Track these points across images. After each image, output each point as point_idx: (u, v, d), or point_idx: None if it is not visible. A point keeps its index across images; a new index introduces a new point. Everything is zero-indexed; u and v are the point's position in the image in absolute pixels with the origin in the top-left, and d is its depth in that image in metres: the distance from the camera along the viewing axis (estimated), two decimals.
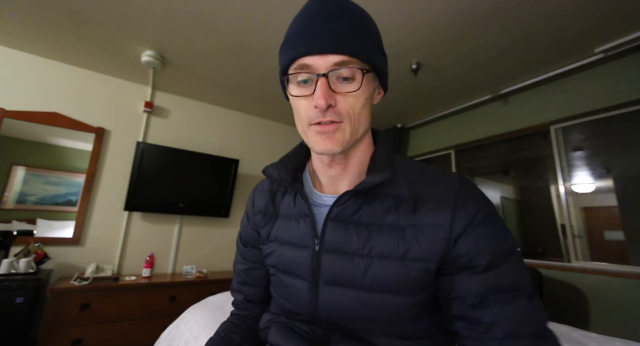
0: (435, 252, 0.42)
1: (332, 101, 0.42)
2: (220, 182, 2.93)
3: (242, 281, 0.64)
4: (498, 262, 0.41)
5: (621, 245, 1.99)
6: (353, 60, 0.42)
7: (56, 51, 2.29)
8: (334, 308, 0.46)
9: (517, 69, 2.24)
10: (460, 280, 0.42)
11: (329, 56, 0.42)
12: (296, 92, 0.46)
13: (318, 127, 0.44)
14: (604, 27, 1.75)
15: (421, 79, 2.41)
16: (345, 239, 0.46)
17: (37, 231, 2.21)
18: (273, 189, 0.61)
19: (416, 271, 0.43)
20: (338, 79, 0.43)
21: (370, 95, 0.47)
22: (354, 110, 0.44)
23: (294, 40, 0.44)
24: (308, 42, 0.42)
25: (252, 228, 0.62)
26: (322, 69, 0.42)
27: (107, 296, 2.08)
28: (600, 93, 2.06)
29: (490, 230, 0.42)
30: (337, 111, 0.43)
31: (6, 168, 2.20)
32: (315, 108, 0.43)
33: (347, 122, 0.44)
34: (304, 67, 0.43)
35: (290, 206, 0.55)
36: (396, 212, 0.46)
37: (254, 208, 0.63)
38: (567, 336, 1.34)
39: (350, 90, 0.43)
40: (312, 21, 0.44)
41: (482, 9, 1.65)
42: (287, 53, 0.45)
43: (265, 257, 0.57)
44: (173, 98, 2.94)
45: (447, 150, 3.14)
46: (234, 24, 1.86)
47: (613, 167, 2.11)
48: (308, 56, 0.42)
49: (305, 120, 0.45)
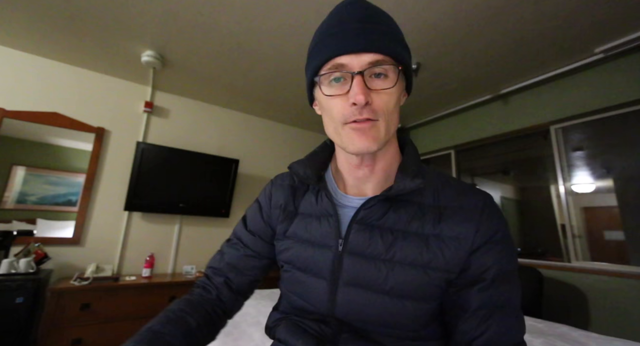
0: (456, 263, 0.44)
1: (369, 98, 0.43)
2: (220, 182, 2.93)
3: (233, 265, 0.61)
4: (501, 280, 0.44)
5: (621, 245, 1.99)
6: (387, 59, 0.43)
7: (56, 51, 2.29)
8: (351, 309, 0.47)
9: (517, 69, 2.24)
10: (464, 293, 0.44)
11: (363, 55, 0.43)
12: (329, 92, 0.46)
13: (354, 125, 0.44)
14: (604, 27, 1.75)
15: (421, 79, 2.41)
16: (370, 242, 0.47)
17: (37, 231, 2.21)
18: (294, 186, 0.60)
19: (438, 279, 0.44)
20: (372, 77, 0.44)
21: (400, 94, 0.48)
22: (388, 108, 0.45)
23: (327, 41, 0.45)
24: (343, 42, 0.43)
25: (265, 220, 0.61)
26: (357, 67, 0.43)
27: (107, 296, 2.08)
28: (600, 93, 2.06)
29: (504, 250, 0.45)
30: (373, 109, 0.43)
31: (6, 168, 2.20)
32: (352, 106, 0.43)
33: (382, 119, 0.44)
34: (339, 66, 0.44)
35: (312, 204, 0.55)
36: (421, 220, 0.47)
37: (270, 201, 0.62)
38: (567, 336, 1.34)
39: (386, 86, 0.44)
40: (345, 22, 0.45)
41: (482, 9, 1.65)
42: (320, 53, 0.46)
43: (280, 252, 0.57)
44: (173, 98, 2.94)
45: (447, 150, 3.14)
46: (234, 24, 1.86)
47: (613, 167, 2.10)
48: (343, 55, 0.43)
49: (339, 119, 0.45)
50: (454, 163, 3.06)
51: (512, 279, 0.45)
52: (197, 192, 2.79)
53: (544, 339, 1.26)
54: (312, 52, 0.48)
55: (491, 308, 0.42)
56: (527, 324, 1.51)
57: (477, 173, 3.09)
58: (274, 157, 3.43)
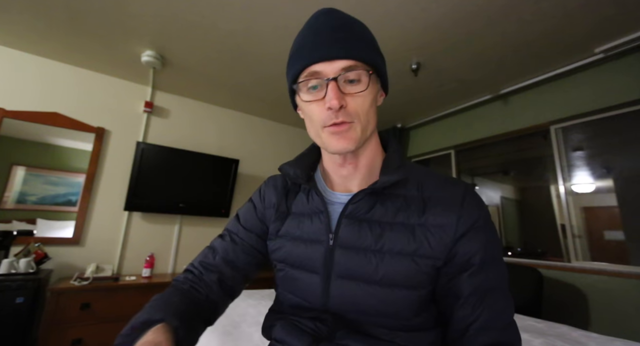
0: (442, 250, 0.47)
1: (344, 102, 0.46)
2: (220, 182, 2.93)
3: (228, 260, 0.59)
4: (488, 265, 0.47)
5: (621, 245, 1.99)
6: (359, 64, 0.47)
7: (56, 51, 2.29)
8: (345, 301, 0.49)
9: (517, 69, 2.24)
10: (455, 281, 0.47)
11: (336, 62, 0.46)
12: (308, 98, 0.49)
13: (332, 128, 0.48)
14: (604, 27, 1.75)
15: (421, 79, 2.41)
16: (359, 235, 0.49)
17: (37, 231, 2.21)
18: (287, 187, 0.63)
19: (425, 266, 0.46)
20: (346, 82, 0.47)
21: (375, 96, 0.51)
22: (363, 110, 0.48)
23: (303, 51, 0.48)
24: (317, 50, 0.47)
25: (259, 218, 0.63)
26: (332, 74, 0.46)
27: (107, 296, 2.08)
28: (600, 93, 2.06)
29: (487, 235, 0.48)
30: (348, 112, 0.47)
31: (6, 168, 2.20)
32: (327, 110, 0.46)
33: (357, 121, 0.48)
34: (314, 73, 0.47)
35: (303, 204, 0.58)
36: (407, 212, 0.49)
37: (264, 202, 0.64)
38: (567, 336, 1.34)
39: (359, 90, 0.47)
40: (318, 32, 0.48)
41: (482, 9, 1.65)
42: (297, 63, 0.49)
43: (273, 252, 0.59)
44: (173, 98, 2.94)
45: (447, 150, 3.14)
46: (234, 24, 1.86)
47: (613, 167, 2.10)
48: (317, 64, 0.46)
49: (318, 123, 0.49)
50: (454, 163, 3.06)
51: (498, 263, 0.48)
52: (197, 192, 2.79)
53: (543, 339, 1.26)
54: (290, 61, 0.52)
55: (482, 292, 0.45)
56: (527, 324, 1.51)
57: (477, 173, 3.10)
58: (274, 157, 3.43)
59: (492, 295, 0.45)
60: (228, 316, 1.41)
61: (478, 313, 0.44)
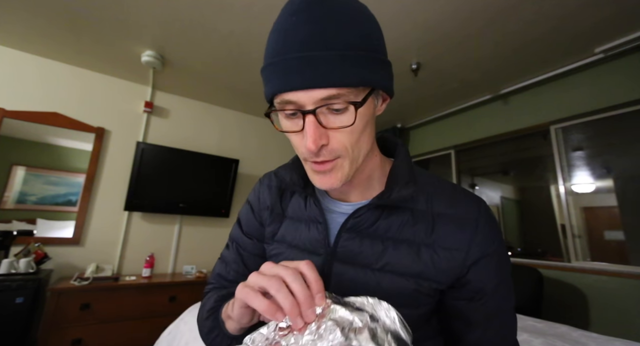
0: (448, 275, 0.44)
1: (325, 140, 0.38)
2: (220, 182, 2.93)
3: (241, 272, 0.58)
4: (501, 290, 0.45)
5: (621, 245, 1.99)
6: (342, 92, 0.36)
7: (56, 51, 2.29)
8: None
9: (517, 69, 2.24)
10: (464, 305, 0.45)
11: (314, 91, 0.35)
12: (285, 127, 0.41)
13: (314, 166, 0.41)
14: (604, 27, 1.75)
15: (421, 79, 2.41)
16: (360, 251, 0.46)
17: (37, 231, 2.21)
18: (282, 187, 0.59)
19: (428, 289, 0.44)
20: (329, 110, 0.37)
21: (369, 118, 0.41)
22: (351, 143, 0.40)
23: (273, 70, 0.38)
24: (288, 76, 0.36)
25: (258, 221, 0.60)
26: (309, 105, 0.36)
27: (107, 296, 2.08)
28: (600, 93, 2.06)
29: (500, 261, 0.45)
30: (331, 149, 0.39)
31: (6, 168, 2.20)
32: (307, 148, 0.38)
33: (345, 155, 0.40)
34: (288, 103, 0.37)
35: (300, 208, 0.54)
36: (413, 228, 0.45)
37: (259, 202, 0.60)
38: (567, 336, 1.34)
39: (344, 125, 0.37)
40: (288, 46, 0.36)
41: (482, 9, 1.65)
42: (267, 83, 0.39)
43: (270, 257, 0.56)
44: (173, 98, 2.94)
45: (447, 150, 3.14)
46: (234, 24, 1.86)
47: (613, 167, 2.10)
48: (291, 92, 0.36)
49: (300, 154, 0.43)
50: (454, 163, 3.06)
51: (509, 283, 0.46)
52: (197, 192, 2.79)
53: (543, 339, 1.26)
54: (262, 76, 0.41)
55: (493, 315, 0.44)
56: (527, 324, 1.51)
57: (477, 173, 3.09)
58: (274, 157, 3.43)
59: (503, 317, 0.45)
60: None
61: (489, 335, 0.44)
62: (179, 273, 2.67)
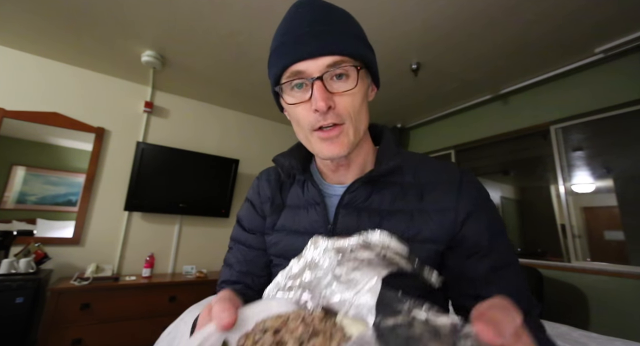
0: (443, 234, 0.46)
1: (331, 103, 0.43)
2: (220, 182, 2.93)
3: (245, 271, 0.59)
4: (496, 241, 0.46)
5: (621, 245, 1.99)
6: (345, 60, 0.43)
7: (57, 51, 2.29)
8: None
9: (517, 69, 2.24)
10: (468, 264, 0.45)
11: (320, 59, 0.42)
12: (292, 100, 0.46)
13: (321, 134, 0.45)
14: (604, 27, 1.75)
15: (421, 79, 2.41)
16: (358, 225, 0.48)
17: (37, 231, 2.21)
18: (280, 180, 0.61)
19: (426, 252, 0.45)
20: (333, 79, 0.44)
21: (365, 92, 0.48)
22: (354, 109, 0.44)
23: (283, 49, 0.44)
24: (298, 48, 0.42)
25: (260, 216, 0.61)
26: (316, 72, 0.42)
27: (107, 296, 2.08)
28: (600, 93, 2.06)
29: (489, 213, 0.47)
30: (338, 112, 0.44)
31: (6, 168, 2.20)
32: (315, 112, 0.43)
33: (349, 122, 0.45)
34: (297, 73, 0.43)
35: (298, 196, 0.56)
36: (404, 199, 0.48)
37: (260, 196, 0.62)
38: (567, 336, 1.34)
39: (347, 88, 0.43)
40: (298, 27, 0.44)
41: (482, 9, 1.65)
42: (277, 62, 0.45)
43: (270, 247, 0.57)
44: (173, 98, 2.94)
45: (447, 150, 3.14)
46: (234, 24, 1.86)
47: (613, 167, 2.10)
48: (300, 62, 0.42)
49: (306, 127, 0.46)
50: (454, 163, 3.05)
51: (505, 239, 0.47)
52: (197, 192, 2.79)
53: None
54: (270, 61, 0.47)
55: (495, 271, 0.44)
56: None
57: (477, 173, 3.09)
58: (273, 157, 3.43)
59: (507, 272, 0.44)
60: None
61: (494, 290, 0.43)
62: (179, 273, 2.67)
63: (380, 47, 2.00)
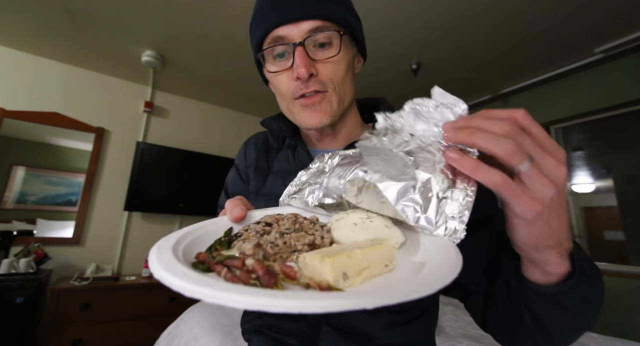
0: None
1: (313, 70, 0.41)
2: (220, 182, 2.91)
3: None
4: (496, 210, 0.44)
5: (621, 245, 1.98)
6: (328, 25, 0.41)
7: (56, 51, 2.29)
8: None
9: (517, 69, 2.24)
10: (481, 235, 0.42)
11: (302, 23, 0.40)
12: (274, 68, 0.44)
13: (303, 101, 0.43)
14: (604, 27, 1.75)
15: (421, 79, 2.41)
16: None
17: (37, 231, 2.21)
18: (268, 144, 0.59)
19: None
20: (315, 46, 0.42)
21: (351, 61, 0.45)
22: (337, 77, 0.43)
23: (263, 12, 0.42)
24: (279, 11, 0.41)
25: (244, 181, 0.59)
26: (298, 38, 0.40)
27: (107, 296, 2.08)
28: (600, 93, 2.06)
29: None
30: (320, 79, 0.42)
31: (6, 168, 2.20)
32: (296, 80, 0.41)
33: (332, 90, 0.43)
34: (278, 39, 0.41)
35: (289, 160, 0.54)
36: None
37: (246, 160, 0.60)
38: None
39: (330, 55, 0.42)
40: None
41: (482, 9, 1.65)
42: (258, 26, 0.43)
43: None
44: (173, 98, 2.94)
45: None
46: (234, 24, 1.86)
47: (613, 167, 2.10)
48: (281, 26, 0.41)
49: (288, 95, 0.44)
50: None
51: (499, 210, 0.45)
52: (197, 192, 2.79)
53: None
54: (251, 27, 0.46)
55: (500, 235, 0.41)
56: None
57: None
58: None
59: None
60: (228, 316, 1.41)
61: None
62: None
63: (381, 47, 2.00)
